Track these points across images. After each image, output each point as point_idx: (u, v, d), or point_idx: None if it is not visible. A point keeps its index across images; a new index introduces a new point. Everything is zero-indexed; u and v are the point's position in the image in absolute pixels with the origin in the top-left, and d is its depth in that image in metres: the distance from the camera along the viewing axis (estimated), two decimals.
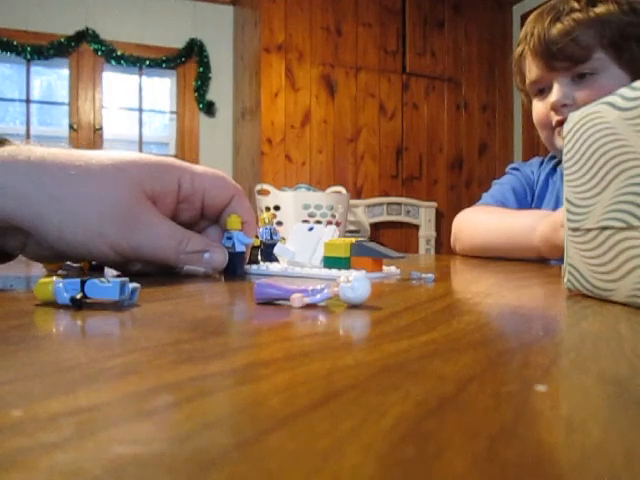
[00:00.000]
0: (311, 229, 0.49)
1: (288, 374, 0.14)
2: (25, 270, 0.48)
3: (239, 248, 0.43)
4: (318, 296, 0.26)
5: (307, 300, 0.26)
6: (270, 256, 0.50)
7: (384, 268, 0.45)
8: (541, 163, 1.02)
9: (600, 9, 0.81)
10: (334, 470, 0.08)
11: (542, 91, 0.88)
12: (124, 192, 0.35)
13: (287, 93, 2.81)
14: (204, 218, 0.44)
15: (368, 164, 2.95)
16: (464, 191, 3.08)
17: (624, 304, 0.28)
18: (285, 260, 0.48)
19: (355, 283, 0.26)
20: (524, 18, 3.22)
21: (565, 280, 0.34)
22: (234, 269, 0.43)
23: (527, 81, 0.90)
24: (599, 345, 0.19)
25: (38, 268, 0.48)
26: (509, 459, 0.09)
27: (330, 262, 0.45)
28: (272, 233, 0.51)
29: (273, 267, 0.46)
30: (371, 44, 2.96)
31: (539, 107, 0.89)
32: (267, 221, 0.53)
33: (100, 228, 0.35)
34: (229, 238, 0.43)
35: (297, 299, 0.26)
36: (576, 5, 0.82)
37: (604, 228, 0.29)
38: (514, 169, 1.04)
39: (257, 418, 0.11)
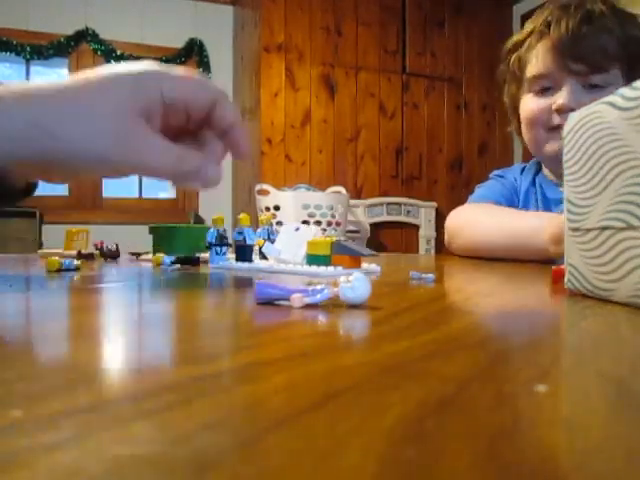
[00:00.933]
0: (297, 229, 0.53)
1: (288, 374, 0.14)
2: (25, 270, 0.48)
3: (250, 241, 0.51)
4: (318, 296, 0.26)
5: (307, 300, 0.26)
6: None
7: (365, 265, 0.48)
8: (522, 170, 0.98)
9: (631, 25, 0.78)
10: (334, 470, 0.08)
11: (544, 89, 0.83)
12: (118, 118, 0.37)
13: (287, 93, 2.81)
14: (192, 122, 0.43)
15: (368, 164, 2.95)
16: (464, 191, 3.07)
17: (624, 304, 0.28)
18: (273, 258, 0.52)
19: (355, 283, 0.26)
20: (524, 18, 3.21)
21: (565, 280, 0.34)
22: (244, 257, 0.52)
23: (530, 73, 0.84)
24: (599, 345, 0.19)
25: (38, 268, 0.48)
26: (509, 459, 0.09)
27: (312, 259, 0.47)
28: (269, 233, 0.55)
29: (262, 264, 0.50)
30: (371, 44, 2.96)
31: (537, 104, 0.83)
32: (265, 222, 0.56)
33: (102, 154, 0.37)
34: (240, 233, 0.50)
35: (297, 299, 0.26)
36: (605, 9, 0.78)
37: (604, 228, 0.29)
38: (498, 176, 1.01)
39: (257, 418, 0.11)
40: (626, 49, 0.78)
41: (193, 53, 3.18)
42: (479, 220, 0.88)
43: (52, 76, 3.14)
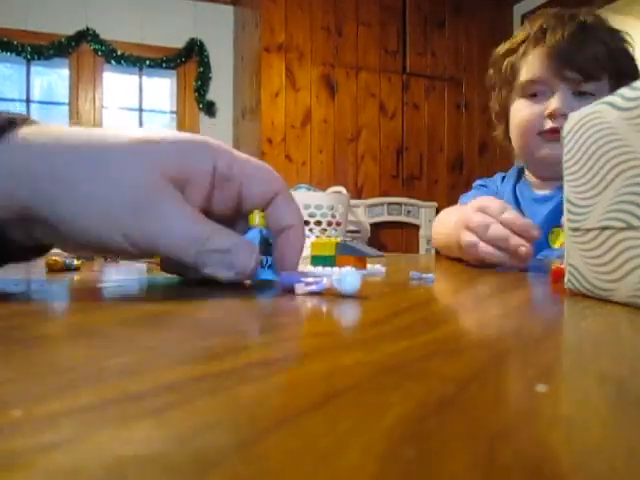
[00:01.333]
0: None
1: (288, 374, 0.14)
2: (25, 272, 0.48)
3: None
4: (316, 287, 0.31)
5: (308, 288, 0.31)
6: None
7: (370, 266, 0.48)
8: (502, 178, 1.00)
9: (619, 38, 0.82)
10: (334, 470, 0.08)
11: (535, 95, 0.85)
12: (140, 175, 0.31)
13: (287, 93, 2.81)
14: (242, 212, 0.36)
15: (368, 164, 2.95)
16: (464, 191, 3.07)
17: (624, 304, 0.28)
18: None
19: (348, 277, 0.30)
20: (524, 18, 3.21)
21: (565, 280, 0.34)
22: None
23: (523, 78, 0.86)
24: (599, 345, 0.19)
25: (37, 268, 0.48)
26: (509, 459, 0.09)
27: (317, 260, 0.46)
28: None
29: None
30: (371, 44, 2.96)
31: (529, 110, 0.85)
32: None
33: (113, 213, 0.30)
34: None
35: (300, 287, 0.31)
36: (597, 22, 0.81)
37: (604, 228, 0.29)
38: (481, 185, 1.03)
39: (257, 418, 0.11)
40: (614, 61, 0.81)
41: (193, 53, 3.18)
42: (441, 222, 0.90)
43: (52, 76, 3.14)
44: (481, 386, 0.13)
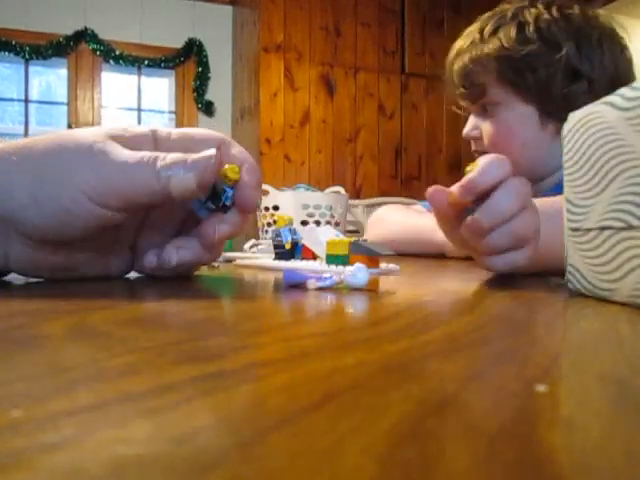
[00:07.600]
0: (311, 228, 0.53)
1: (288, 374, 0.14)
2: None
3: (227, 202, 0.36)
4: (328, 282, 0.33)
5: (319, 284, 0.33)
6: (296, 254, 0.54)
7: (383, 265, 0.48)
8: None
9: (493, 44, 0.80)
10: (334, 470, 0.08)
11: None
12: (88, 135, 0.33)
13: (286, 93, 2.81)
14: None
15: (367, 164, 2.95)
16: None
17: (624, 304, 0.28)
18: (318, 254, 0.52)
19: (357, 272, 0.33)
20: None
21: (565, 280, 0.34)
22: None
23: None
24: (599, 345, 0.19)
25: None
26: (509, 459, 0.09)
27: (331, 259, 0.46)
28: (292, 233, 0.55)
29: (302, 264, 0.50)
30: (370, 44, 2.96)
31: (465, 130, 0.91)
32: (287, 222, 0.57)
33: (69, 171, 0.32)
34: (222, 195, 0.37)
35: (311, 283, 0.33)
36: (477, 37, 0.83)
37: (604, 228, 0.29)
38: None
39: (257, 418, 0.11)
40: (498, 72, 0.80)
41: (192, 53, 3.18)
42: (386, 218, 0.94)
43: (51, 76, 3.14)
44: (481, 386, 0.13)
